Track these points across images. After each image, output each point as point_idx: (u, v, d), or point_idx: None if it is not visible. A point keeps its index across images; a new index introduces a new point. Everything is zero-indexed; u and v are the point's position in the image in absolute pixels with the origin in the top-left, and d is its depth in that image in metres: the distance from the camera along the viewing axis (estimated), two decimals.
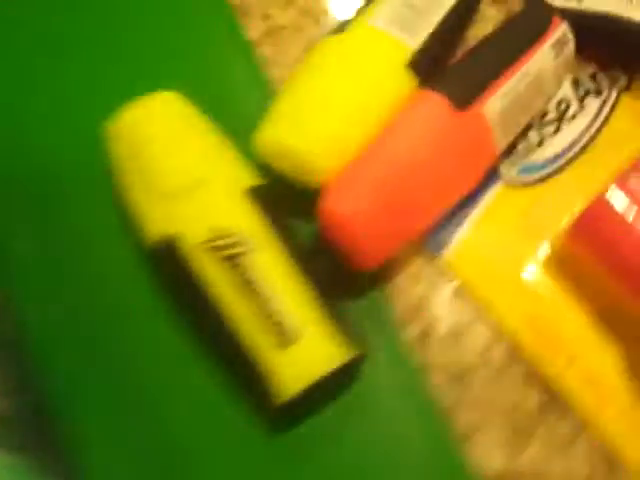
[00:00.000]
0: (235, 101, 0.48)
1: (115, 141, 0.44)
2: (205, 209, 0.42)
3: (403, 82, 0.45)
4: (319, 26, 0.50)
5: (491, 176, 0.46)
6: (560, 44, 0.46)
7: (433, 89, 0.43)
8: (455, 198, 0.44)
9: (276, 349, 0.40)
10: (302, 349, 0.40)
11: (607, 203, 0.41)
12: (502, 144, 0.45)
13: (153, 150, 0.43)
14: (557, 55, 0.46)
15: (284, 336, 0.40)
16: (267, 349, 0.40)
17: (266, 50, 0.49)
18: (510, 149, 0.47)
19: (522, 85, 0.44)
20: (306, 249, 0.44)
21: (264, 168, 0.44)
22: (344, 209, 0.41)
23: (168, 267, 0.43)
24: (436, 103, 0.42)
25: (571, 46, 0.47)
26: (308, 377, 0.40)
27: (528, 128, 0.48)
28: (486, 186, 0.46)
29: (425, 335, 0.44)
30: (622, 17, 0.47)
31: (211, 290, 0.41)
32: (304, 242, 0.44)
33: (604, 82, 0.49)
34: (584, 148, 0.47)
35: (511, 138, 0.46)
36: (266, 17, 0.50)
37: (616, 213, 0.41)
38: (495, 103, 0.43)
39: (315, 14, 0.50)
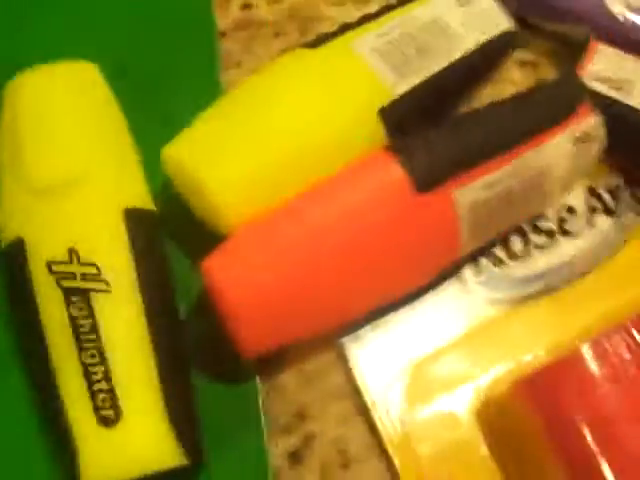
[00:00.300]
0: (170, 95, 0.38)
1: (4, 107, 0.35)
2: (68, 220, 0.33)
3: (368, 131, 0.35)
4: (303, 35, 0.40)
5: (446, 276, 0.36)
6: (584, 140, 0.35)
7: (396, 155, 0.33)
8: (388, 296, 0.34)
9: (92, 423, 0.31)
10: (118, 436, 0.31)
11: (573, 368, 0.30)
12: (470, 245, 0.35)
13: (33, 129, 0.34)
14: (577, 152, 0.35)
15: (106, 411, 0.31)
16: (84, 420, 0.31)
17: (232, 45, 0.39)
18: (482, 250, 0.36)
19: (517, 179, 0.34)
20: (192, 304, 0.34)
21: (169, 189, 0.34)
22: (227, 275, 0.31)
23: (9, 276, 0.33)
24: (393, 175, 0.32)
25: (598, 146, 0.36)
26: (108, 476, 0.30)
27: (512, 230, 0.37)
28: (436, 287, 0.36)
29: (300, 455, 0.34)
30: None
31: (43, 323, 0.32)
32: (190, 295, 0.34)
33: (626, 202, 0.38)
34: (574, 277, 0.37)
35: (484, 240, 0.35)
36: (246, 7, 0.40)
37: (581, 382, 0.30)
38: (472, 193, 0.33)
39: (304, 19, 0.40)
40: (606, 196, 0.38)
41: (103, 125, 0.34)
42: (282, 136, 0.33)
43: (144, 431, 0.31)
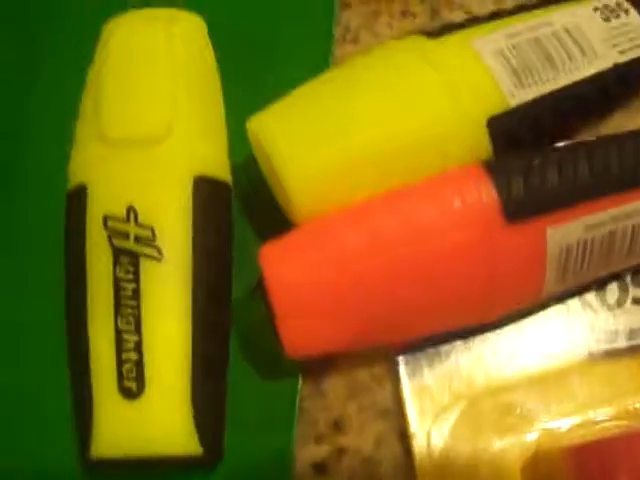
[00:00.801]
0: (274, 62, 0.35)
1: (98, 47, 0.33)
2: (134, 177, 0.31)
3: (470, 140, 0.31)
4: (432, 19, 0.37)
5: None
6: None
7: (492, 175, 0.29)
8: (452, 324, 0.31)
9: (113, 391, 0.29)
10: (136, 411, 0.29)
11: (629, 449, 0.27)
12: (555, 288, 0.31)
13: (120, 75, 0.32)
14: None
15: (129, 382, 0.29)
16: (106, 386, 0.29)
17: (354, 19, 0.36)
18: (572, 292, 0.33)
19: (624, 224, 0.30)
20: (250, 288, 0.32)
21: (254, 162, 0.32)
22: (279, 268, 0.29)
23: (67, 220, 0.32)
24: (483, 196, 0.29)
25: None
26: (118, 448, 0.29)
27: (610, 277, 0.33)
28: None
29: (327, 467, 0.31)
30: None
31: (87, 276, 0.30)
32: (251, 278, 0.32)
33: None
34: None
35: (574, 285, 0.32)
36: None
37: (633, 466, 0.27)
38: (568, 233, 0.29)
39: (437, 2, 0.37)
40: None
41: (195, 86, 0.32)
42: (374, 131, 0.31)
43: (163, 411, 0.29)
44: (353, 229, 0.29)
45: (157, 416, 0.29)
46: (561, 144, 0.32)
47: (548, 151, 0.30)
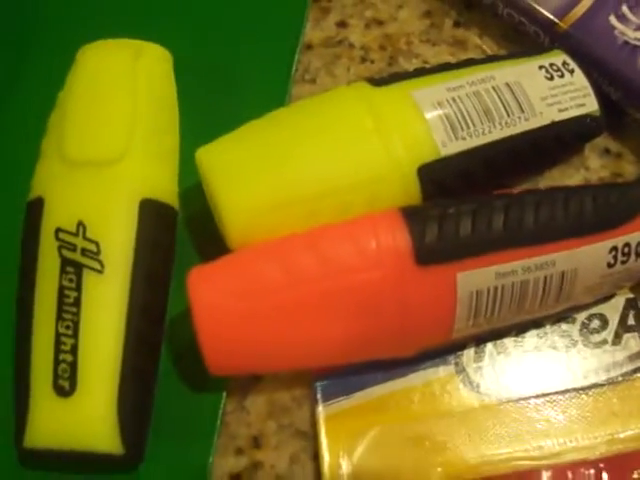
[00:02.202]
0: (233, 96, 0.38)
1: (73, 70, 0.36)
2: (86, 195, 0.34)
3: (402, 186, 0.33)
4: (389, 66, 0.39)
5: (441, 353, 0.34)
6: (626, 252, 0.33)
7: (408, 220, 0.31)
8: (366, 357, 0.33)
9: (48, 388, 0.32)
10: (67, 408, 0.32)
11: None
12: (467, 330, 0.33)
13: (83, 100, 0.35)
14: (614, 264, 0.33)
15: (63, 381, 0.32)
16: (42, 383, 0.32)
17: (314, 60, 0.39)
18: (494, 335, 0.35)
19: (535, 276, 0.32)
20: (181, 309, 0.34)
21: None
22: (204, 292, 0.31)
23: (25, 228, 0.35)
24: (397, 240, 0.31)
25: None
26: (49, 441, 0.32)
27: (532, 324, 0.35)
28: (424, 363, 0.34)
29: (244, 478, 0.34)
30: None
31: (37, 281, 0.33)
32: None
33: None
34: (584, 391, 0.34)
35: (487, 328, 0.33)
36: (342, 24, 0.39)
37: None
38: (478, 279, 0.31)
39: (395, 50, 0.39)
40: None
41: (153, 114, 0.35)
42: (307, 171, 0.33)
43: (90, 411, 0.32)
44: (272, 262, 0.31)
45: (85, 414, 0.32)
46: (481, 195, 0.34)
47: (466, 201, 0.32)
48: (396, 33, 0.39)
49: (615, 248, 0.33)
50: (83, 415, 0.32)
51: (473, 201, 0.32)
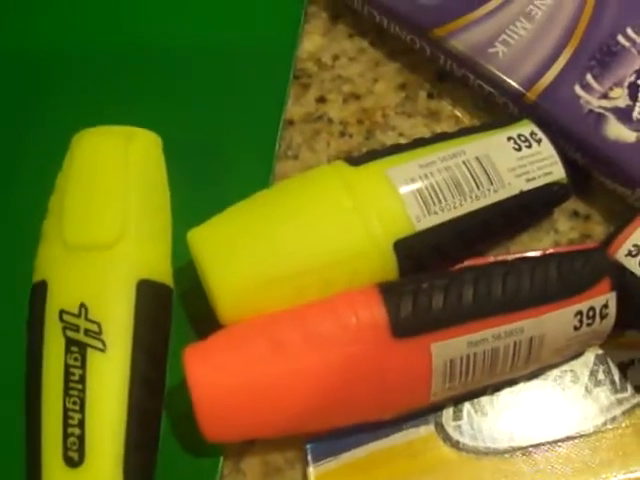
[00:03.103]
0: (221, 175, 0.41)
1: (69, 155, 0.39)
2: (86, 278, 0.37)
3: (378, 260, 0.37)
4: (366, 139, 0.42)
5: (422, 413, 0.38)
6: (591, 316, 0.36)
7: (384, 296, 0.35)
8: (350, 422, 0.36)
9: (59, 460, 0.35)
10: (77, 478, 0.35)
11: None
12: (443, 394, 0.36)
13: (80, 186, 0.38)
14: (580, 327, 0.36)
15: (72, 452, 0.35)
16: (53, 455, 0.35)
17: (296, 136, 0.42)
18: (470, 395, 0.38)
19: (505, 342, 0.35)
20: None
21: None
22: (199, 368, 0.35)
23: (30, 310, 0.38)
24: (375, 315, 0.34)
25: (607, 323, 0.36)
26: None
27: (506, 383, 0.38)
28: (406, 423, 0.38)
29: None
30: None
31: (44, 361, 0.36)
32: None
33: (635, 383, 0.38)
34: (558, 444, 0.37)
35: (462, 391, 0.37)
36: (321, 100, 0.43)
37: None
38: (451, 348, 0.34)
39: (371, 124, 0.42)
40: (614, 371, 0.38)
41: (146, 198, 0.38)
42: (294, 250, 0.36)
43: (99, 478, 0.35)
44: (261, 338, 0.34)
45: None
46: (455, 266, 0.37)
47: (438, 276, 0.35)
48: (372, 107, 0.42)
49: (580, 312, 0.36)
50: None
51: (445, 276, 0.35)
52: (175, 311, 0.38)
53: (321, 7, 0.44)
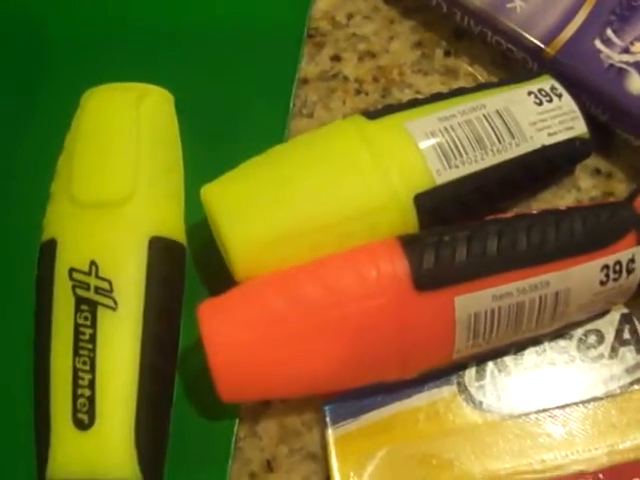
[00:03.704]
0: (234, 132, 0.41)
1: (79, 113, 0.39)
2: (97, 236, 0.36)
3: (400, 215, 0.36)
4: (383, 97, 0.41)
5: (444, 373, 0.37)
6: (618, 270, 0.35)
7: (406, 248, 0.34)
8: (372, 380, 0.36)
9: (68, 422, 0.34)
10: (87, 440, 0.34)
11: None
12: (467, 350, 0.35)
13: (90, 143, 0.38)
14: (607, 282, 0.35)
15: (82, 414, 0.34)
16: (62, 417, 0.35)
17: (311, 94, 0.41)
18: (494, 354, 0.37)
19: (530, 296, 0.34)
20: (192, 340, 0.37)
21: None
22: (214, 325, 0.34)
23: (39, 269, 0.37)
24: (396, 268, 0.33)
25: (634, 278, 0.36)
26: (71, 472, 0.34)
27: (530, 342, 0.37)
28: (428, 384, 0.37)
29: None
30: None
31: (53, 320, 0.36)
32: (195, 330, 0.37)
33: None
34: (585, 404, 0.37)
35: (486, 348, 0.36)
36: (336, 58, 0.42)
37: None
38: (475, 302, 0.34)
39: (388, 81, 0.41)
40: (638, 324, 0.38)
41: (157, 155, 0.37)
42: (308, 204, 0.35)
43: (109, 442, 0.34)
44: (278, 293, 0.34)
45: (104, 445, 0.34)
46: (477, 221, 0.36)
47: (461, 228, 0.34)
48: (389, 65, 0.41)
49: (607, 266, 0.35)
50: (102, 446, 0.34)
51: (468, 228, 0.34)
52: (189, 269, 0.37)
53: None
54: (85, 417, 0.34)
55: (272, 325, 0.34)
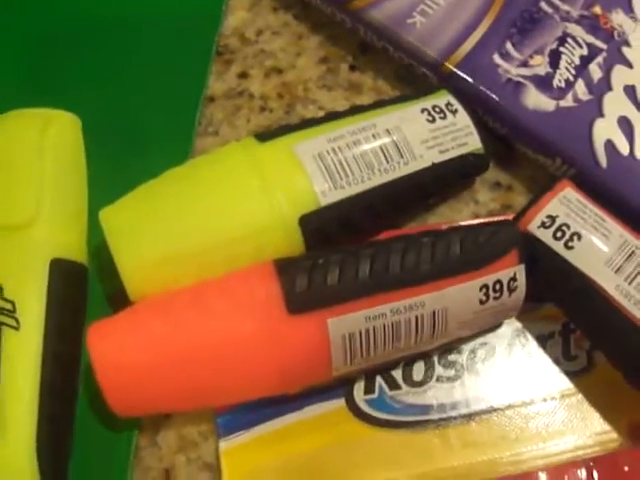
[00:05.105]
0: (140, 152, 0.44)
1: None
2: (3, 258, 0.40)
3: (283, 236, 0.39)
4: (287, 114, 0.44)
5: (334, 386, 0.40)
6: (501, 288, 0.38)
7: (279, 271, 0.37)
8: (253, 396, 0.39)
9: None
10: None
11: None
12: (346, 369, 0.38)
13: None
14: (488, 300, 0.38)
15: None
16: None
17: (217, 112, 0.44)
18: (379, 369, 0.40)
19: (405, 316, 0.37)
20: None
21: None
22: (100, 346, 0.37)
23: None
24: (269, 290, 0.36)
25: (516, 296, 0.38)
26: None
27: (419, 356, 0.40)
28: (319, 396, 0.40)
29: None
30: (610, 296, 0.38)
31: None
32: None
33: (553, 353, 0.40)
34: (471, 418, 0.40)
35: (366, 365, 0.39)
36: (243, 75, 0.45)
37: None
38: (349, 323, 0.37)
39: (292, 98, 0.44)
40: (532, 343, 0.40)
41: (62, 179, 0.41)
42: (199, 226, 0.38)
43: (12, 453, 0.37)
44: (160, 317, 0.37)
45: (7, 458, 0.37)
46: (363, 240, 0.39)
47: (336, 251, 0.37)
48: (294, 80, 0.44)
49: (486, 286, 0.37)
50: (5, 458, 0.38)
51: (342, 251, 0.37)
52: (93, 288, 0.41)
53: None
54: None
55: (154, 348, 0.37)
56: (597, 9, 0.43)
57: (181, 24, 0.45)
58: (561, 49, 0.42)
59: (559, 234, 0.39)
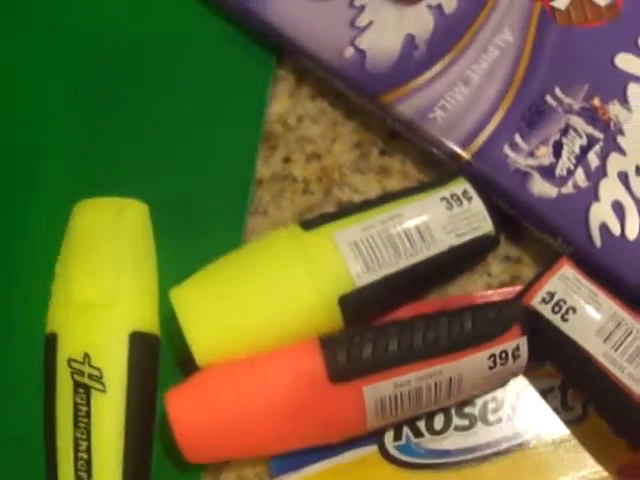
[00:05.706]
0: (199, 232, 0.52)
1: (70, 225, 0.51)
2: (88, 331, 0.48)
3: (325, 315, 0.47)
4: (325, 196, 0.52)
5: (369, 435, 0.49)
6: (506, 357, 0.46)
7: (322, 347, 0.45)
8: (304, 446, 0.48)
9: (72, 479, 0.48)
10: None
11: None
12: (378, 425, 0.47)
13: (80, 252, 0.49)
14: (494, 367, 0.46)
15: (82, 472, 0.46)
16: (66, 475, 0.48)
17: (265, 194, 0.52)
18: (407, 420, 0.49)
19: (427, 382, 0.46)
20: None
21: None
22: (178, 409, 0.46)
23: (45, 358, 0.50)
24: (314, 364, 0.45)
25: (519, 364, 0.47)
26: None
27: (439, 409, 0.49)
28: (355, 443, 0.49)
29: None
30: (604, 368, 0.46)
31: (57, 399, 0.49)
32: None
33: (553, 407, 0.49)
34: (485, 459, 0.48)
35: (394, 422, 0.48)
36: (287, 160, 0.53)
37: None
38: (381, 390, 0.45)
39: (330, 181, 0.52)
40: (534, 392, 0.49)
41: (136, 260, 0.49)
42: (254, 308, 0.47)
43: None
44: (225, 384, 0.46)
45: None
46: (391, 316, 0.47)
47: (369, 330, 0.46)
48: (331, 165, 0.52)
49: (494, 355, 0.46)
50: None
51: (374, 329, 0.46)
52: (164, 354, 0.50)
53: (288, 70, 0.54)
54: (84, 475, 0.47)
55: (221, 410, 0.46)
56: (596, 101, 0.50)
57: (232, 111, 0.53)
58: (563, 140, 0.49)
59: (557, 308, 0.47)
